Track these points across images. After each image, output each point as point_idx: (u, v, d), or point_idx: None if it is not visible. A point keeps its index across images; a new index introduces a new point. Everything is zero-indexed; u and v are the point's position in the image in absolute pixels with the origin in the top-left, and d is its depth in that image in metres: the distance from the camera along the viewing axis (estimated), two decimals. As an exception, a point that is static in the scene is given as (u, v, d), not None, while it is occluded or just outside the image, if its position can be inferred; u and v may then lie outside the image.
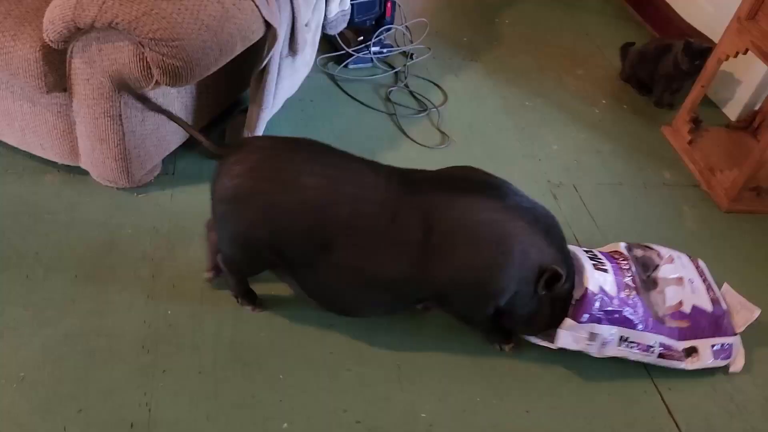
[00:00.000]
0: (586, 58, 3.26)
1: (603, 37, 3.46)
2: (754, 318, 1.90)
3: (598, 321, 1.67)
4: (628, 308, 1.71)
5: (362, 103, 2.60)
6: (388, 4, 2.70)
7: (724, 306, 1.90)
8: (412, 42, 2.91)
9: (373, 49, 2.75)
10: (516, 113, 2.75)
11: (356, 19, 2.65)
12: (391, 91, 2.69)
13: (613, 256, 1.88)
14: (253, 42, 1.83)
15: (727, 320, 1.88)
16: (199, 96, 2.05)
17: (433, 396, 1.65)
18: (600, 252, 1.89)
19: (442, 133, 2.55)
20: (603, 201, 2.39)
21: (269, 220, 1.48)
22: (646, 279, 1.88)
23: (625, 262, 1.86)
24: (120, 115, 1.79)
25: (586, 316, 1.66)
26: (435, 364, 1.72)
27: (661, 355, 1.76)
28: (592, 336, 1.69)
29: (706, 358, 1.80)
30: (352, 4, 2.56)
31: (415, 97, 2.71)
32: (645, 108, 2.97)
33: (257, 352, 1.66)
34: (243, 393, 1.58)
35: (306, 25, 2.10)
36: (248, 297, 1.74)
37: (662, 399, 1.75)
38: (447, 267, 1.51)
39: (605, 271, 1.75)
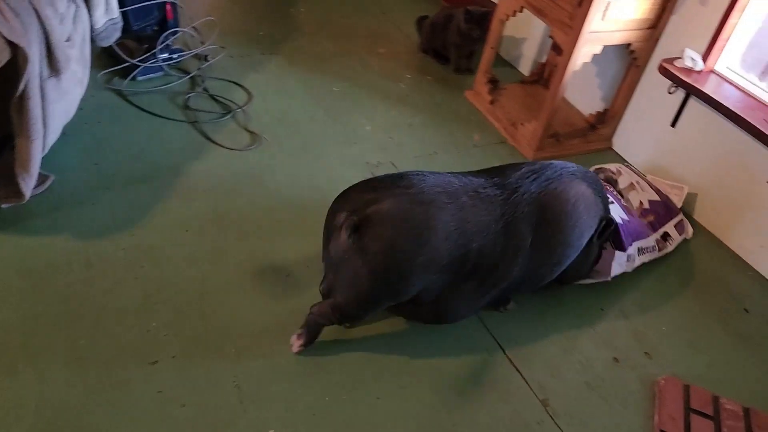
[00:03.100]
0: (385, 37, 3.30)
1: (399, 14, 3.53)
2: (685, 193, 2.36)
3: (630, 244, 1.99)
4: (636, 225, 2.05)
5: (158, 115, 2.41)
6: (168, 7, 2.52)
7: (666, 190, 2.32)
8: (203, 43, 2.75)
9: (161, 56, 2.56)
10: (325, 100, 2.70)
11: (134, 27, 2.43)
12: (189, 97, 2.52)
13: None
14: (-1, 66, 1.59)
15: (670, 201, 2.29)
16: (-49, 138, 1.77)
17: (279, 407, 1.56)
18: None
19: (252, 132, 2.44)
20: (421, 172, 2.42)
21: (414, 279, 1.54)
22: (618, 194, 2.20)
23: (610, 187, 2.16)
24: None
25: (628, 243, 1.97)
26: (275, 373, 1.63)
27: (659, 249, 2.14)
28: (629, 257, 2.01)
29: (676, 237, 2.22)
30: (126, 11, 2.35)
31: (216, 100, 2.56)
32: (447, 76, 3.07)
33: (72, 413, 1.46)
34: (61, 463, 1.38)
35: (67, 40, 1.88)
36: (315, 336, 1.72)
37: (505, 353, 1.81)
38: (559, 244, 1.71)
39: (612, 202, 2.00)
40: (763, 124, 2.12)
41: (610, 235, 1.92)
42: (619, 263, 1.99)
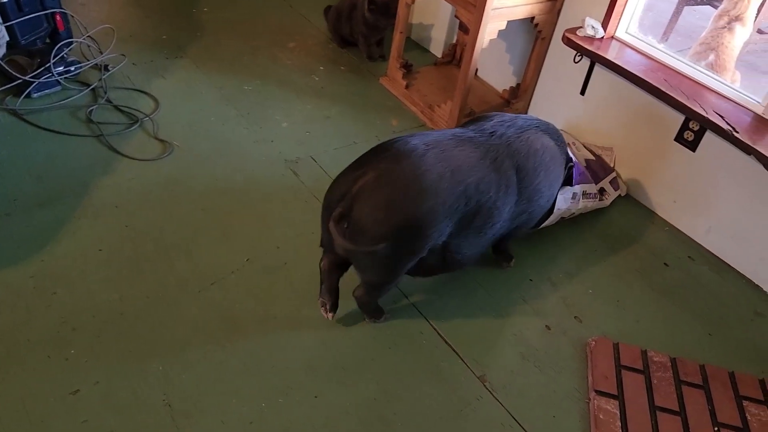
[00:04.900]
0: (294, 30, 3.24)
1: (306, 6, 3.47)
2: (615, 154, 2.49)
3: (578, 183, 2.16)
4: (582, 168, 2.22)
5: (59, 132, 2.28)
6: (57, 17, 2.38)
7: (597, 152, 2.45)
8: (102, 52, 2.62)
9: (56, 69, 2.42)
10: (237, 100, 2.63)
11: (23, 41, 2.29)
12: (92, 110, 2.40)
13: None
14: None
15: (603, 161, 2.42)
16: None
17: (215, 421, 1.51)
18: None
19: (162, 141, 2.34)
20: (343, 164, 2.35)
21: (427, 228, 1.56)
22: None
23: None
24: None
25: (576, 181, 2.12)
26: (207, 385, 1.57)
27: (600, 199, 2.30)
28: (574, 195, 2.14)
29: (612, 193, 2.37)
30: (11, 25, 2.21)
31: (121, 110, 2.45)
32: (360, 65, 3.04)
33: (-11, 457, 1.37)
34: None
35: (-57, 61, 1.75)
36: (381, 310, 1.82)
37: (440, 334, 1.81)
38: (535, 192, 1.79)
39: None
40: (664, 84, 2.19)
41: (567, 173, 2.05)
42: (564, 198, 2.09)
